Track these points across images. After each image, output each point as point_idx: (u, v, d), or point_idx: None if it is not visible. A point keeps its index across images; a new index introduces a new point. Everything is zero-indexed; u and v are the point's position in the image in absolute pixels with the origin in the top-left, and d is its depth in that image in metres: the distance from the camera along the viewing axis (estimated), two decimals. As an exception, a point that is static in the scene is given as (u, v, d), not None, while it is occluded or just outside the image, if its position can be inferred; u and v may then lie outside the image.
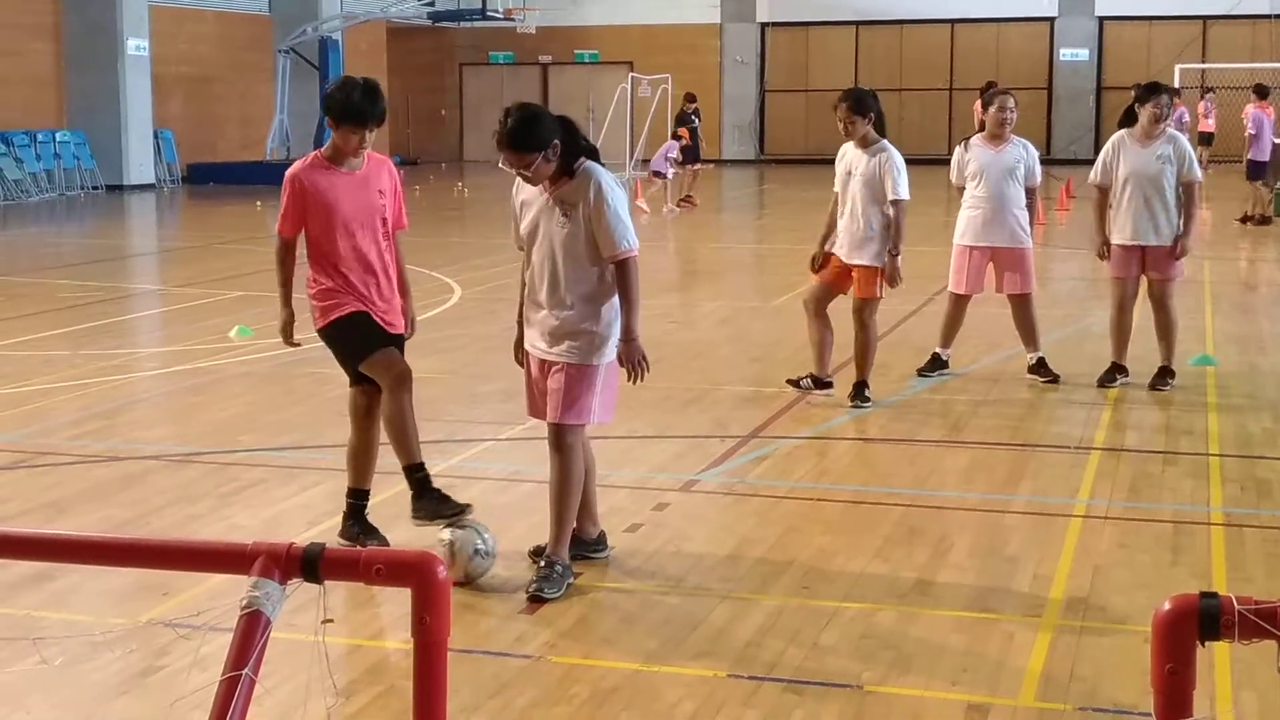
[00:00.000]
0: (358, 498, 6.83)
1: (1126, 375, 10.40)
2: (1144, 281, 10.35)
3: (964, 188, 10.66)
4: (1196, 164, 10.49)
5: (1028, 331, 10.67)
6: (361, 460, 6.83)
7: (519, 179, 6.26)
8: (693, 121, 27.90)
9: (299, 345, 7.00)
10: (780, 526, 7.28)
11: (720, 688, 5.23)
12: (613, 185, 6.23)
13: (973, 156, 10.61)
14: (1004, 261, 10.55)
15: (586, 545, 6.54)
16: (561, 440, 6.24)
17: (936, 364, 10.78)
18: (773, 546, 6.92)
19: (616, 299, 6.24)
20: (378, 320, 6.70)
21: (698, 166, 27.43)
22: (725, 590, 6.28)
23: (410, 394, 6.76)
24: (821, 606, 6.06)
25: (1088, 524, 7.20)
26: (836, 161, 9.75)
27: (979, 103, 10.87)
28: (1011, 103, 10.66)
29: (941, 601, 6.15)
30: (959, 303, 10.74)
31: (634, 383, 6.33)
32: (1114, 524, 7.21)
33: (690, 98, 29.39)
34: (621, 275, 6.18)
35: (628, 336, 6.22)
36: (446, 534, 6.19)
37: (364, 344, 6.69)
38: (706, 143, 33.87)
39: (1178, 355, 10.47)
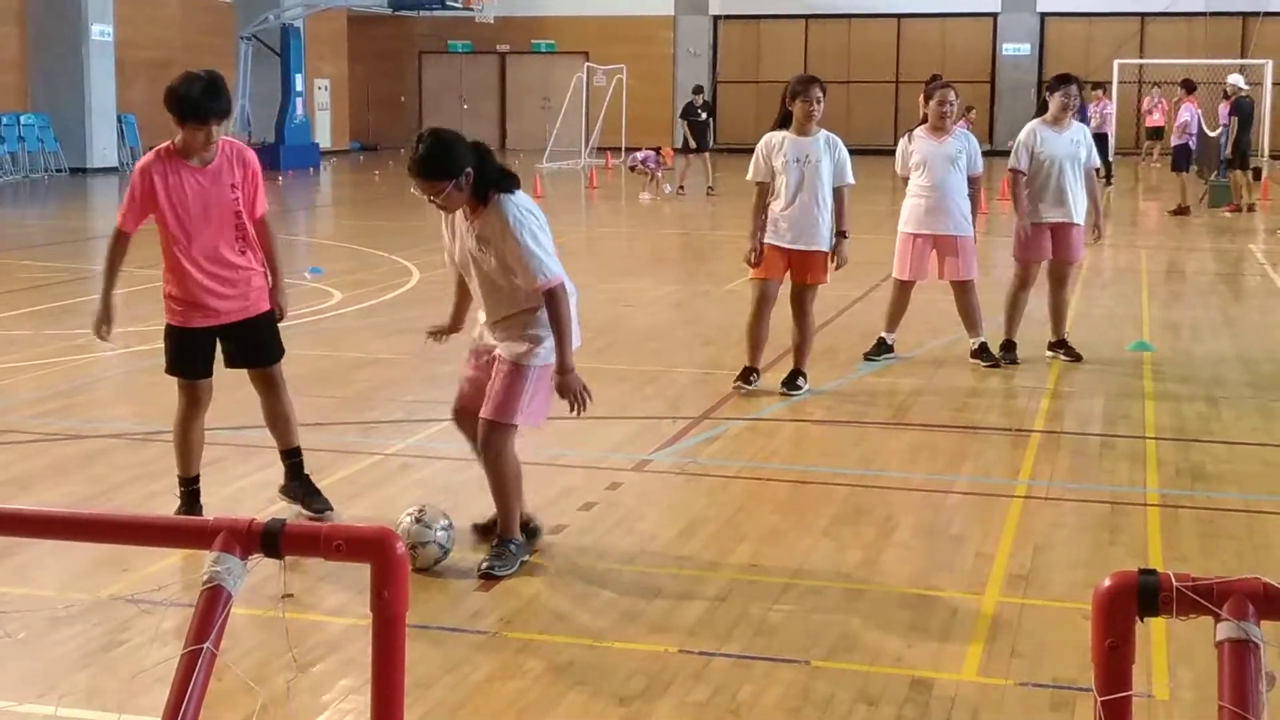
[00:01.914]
0: (184, 484, 6.73)
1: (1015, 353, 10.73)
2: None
3: (908, 177, 10.70)
4: (1095, 152, 11.06)
5: (970, 317, 10.73)
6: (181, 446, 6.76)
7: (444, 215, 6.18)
8: (699, 115, 27.74)
9: (109, 340, 6.89)
10: (730, 506, 7.27)
11: (671, 662, 5.22)
12: (523, 215, 5.99)
13: (916, 147, 10.65)
14: (947, 249, 10.59)
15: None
16: (495, 436, 6.15)
17: (882, 348, 10.82)
18: (723, 525, 6.92)
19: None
20: (206, 326, 6.56)
21: (705, 155, 27.28)
22: (677, 568, 6.27)
23: (199, 417, 6.70)
24: (770, 584, 6.07)
25: (1028, 504, 7.23)
26: (769, 153, 9.55)
27: (923, 95, 10.87)
28: (952, 95, 10.73)
29: (887, 579, 6.16)
30: (903, 289, 10.79)
31: (576, 415, 6.18)
32: (1053, 504, 7.25)
33: (698, 89, 29.38)
34: (548, 304, 5.97)
35: (561, 369, 6.03)
36: (408, 521, 6.07)
37: (176, 360, 6.65)
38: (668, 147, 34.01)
39: (1115, 341, 10.54)
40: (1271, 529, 6.93)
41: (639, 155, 29.19)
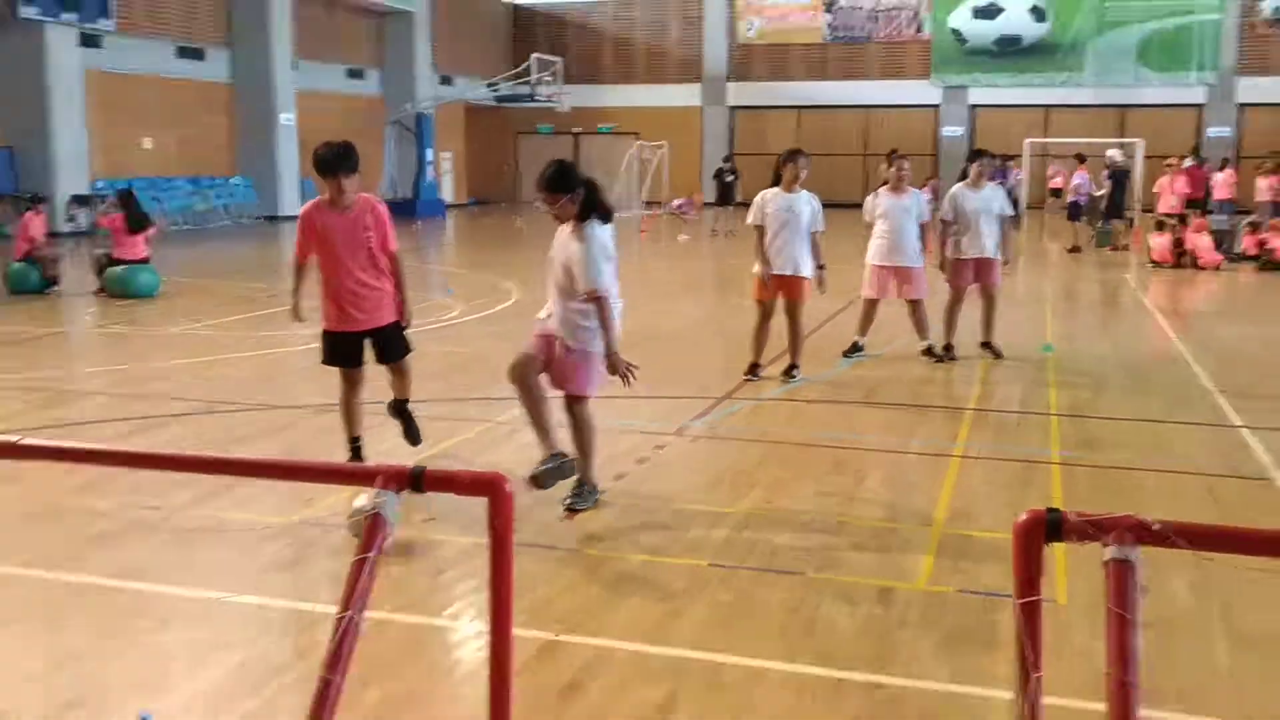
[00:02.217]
0: (350, 442, 6.71)
1: (954, 353, 10.65)
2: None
3: (873, 224, 10.67)
4: (1009, 204, 11.05)
5: (920, 326, 10.68)
6: (345, 414, 6.73)
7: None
8: (725, 177, 27.56)
9: (303, 321, 6.75)
10: (745, 461, 7.27)
11: (704, 573, 5.24)
12: (598, 239, 5.91)
13: (880, 202, 10.63)
14: (903, 276, 10.55)
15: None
16: (577, 405, 6.16)
17: (856, 349, 10.77)
18: (741, 474, 6.93)
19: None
20: (349, 330, 6.52)
21: (730, 207, 27.09)
22: (706, 505, 6.28)
23: (355, 395, 6.66)
24: (776, 518, 6.08)
25: (964, 463, 7.19)
26: (763, 205, 9.42)
27: (884, 164, 10.86)
28: (907, 165, 10.73)
29: (861, 515, 6.15)
30: (871, 305, 10.76)
31: (627, 385, 6.12)
32: (983, 463, 7.20)
33: (726, 159, 29.38)
34: (595, 306, 5.92)
35: (607, 352, 6.00)
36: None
37: (327, 355, 6.65)
38: (698, 192, 34.15)
39: (1027, 344, 10.45)
40: (1142, 479, 6.87)
41: (675, 203, 29.67)
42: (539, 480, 5.96)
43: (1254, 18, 36.14)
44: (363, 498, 5.93)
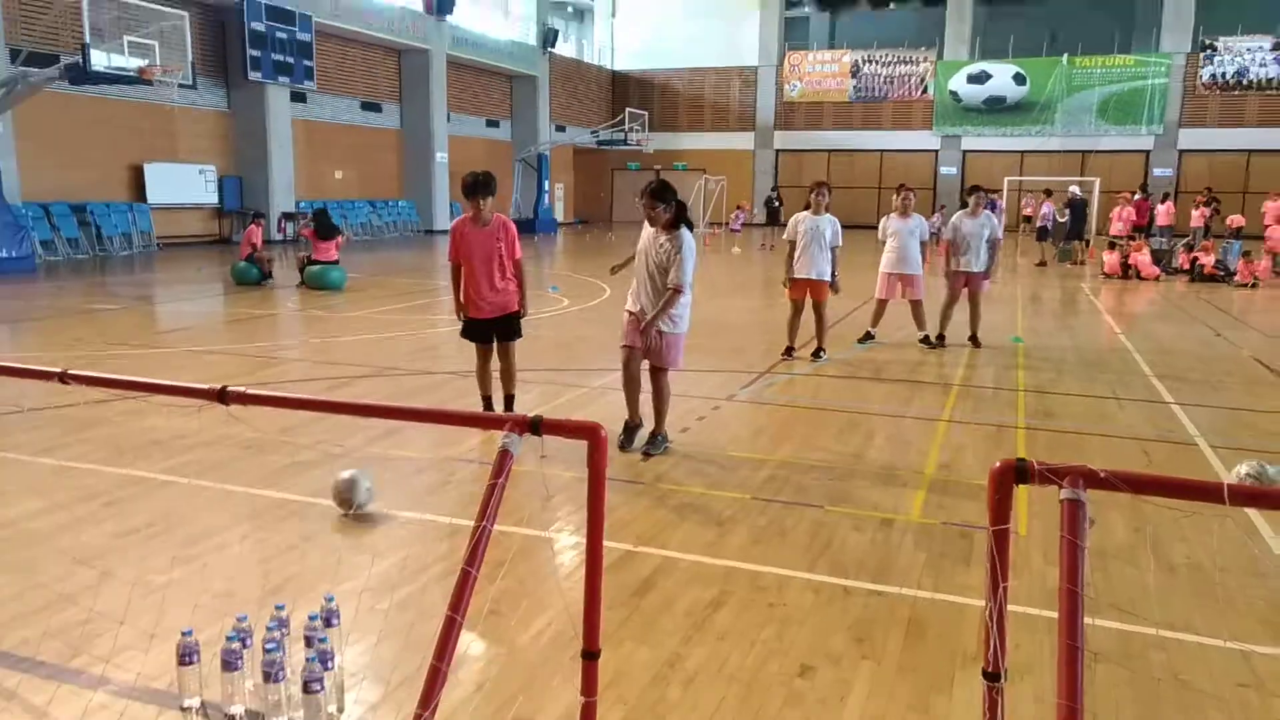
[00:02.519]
0: (484, 400, 6.72)
1: (945, 342, 10.46)
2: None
3: (885, 241, 10.50)
4: (1000, 229, 10.68)
5: (919, 320, 10.51)
6: (479, 379, 6.75)
7: (645, 227, 6.08)
8: (774, 204, 27.96)
9: (459, 319, 6.76)
10: (781, 422, 7.23)
11: (747, 505, 5.24)
12: (690, 246, 5.92)
13: (890, 224, 10.45)
14: (907, 281, 10.37)
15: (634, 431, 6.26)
16: (660, 375, 6.19)
17: (868, 337, 10.63)
18: (777, 431, 6.89)
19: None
20: (482, 317, 6.54)
21: (775, 227, 27.00)
22: (750, 454, 6.27)
23: (486, 364, 6.66)
24: (804, 464, 6.04)
25: (950, 426, 7.09)
26: (794, 224, 9.35)
27: (895, 195, 10.66)
28: (911, 196, 10.50)
29: (869, 463, 6.09)
30: (881, 304, 10.61)
31: (646, 344, 6.06)
32: (964, 426, 7.09)
33: (774, 189, 29.59)
34: (672, 295, 5.93)
35: (651, 320, 5.97)
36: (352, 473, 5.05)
37: (465, 333, 6.66)
38: (746, 201, 34.29)
39: (1001, 336, 10.22)
40: (1090, 442, 6.71)
41: (735, 213, 29.95)
42: (647, 454, 6.05)
43: (1194, 81, 34.85)
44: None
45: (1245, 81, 34.16)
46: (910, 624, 3.86)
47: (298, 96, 26.52)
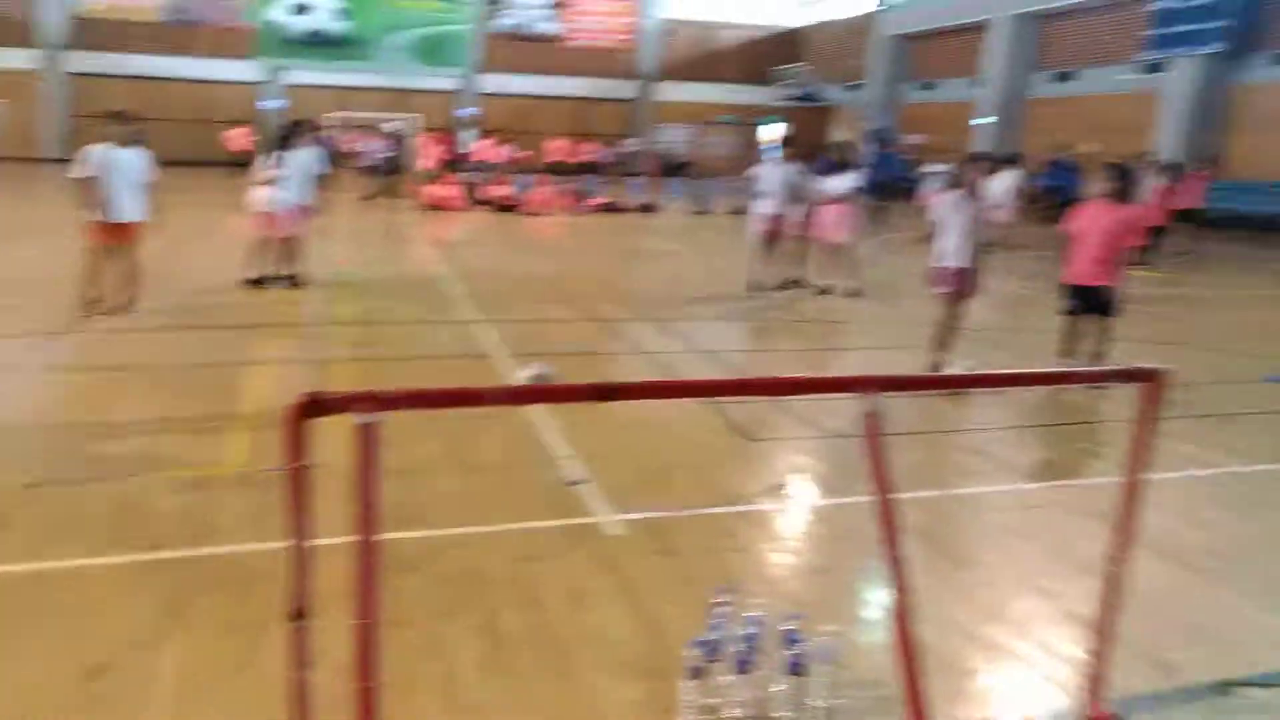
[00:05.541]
0: None
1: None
2: None
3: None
4: (328, 165, 10.43)
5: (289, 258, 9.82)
6: None
7: None
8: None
9: None
10: (77, 390, 6.28)
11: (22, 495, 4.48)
12: None
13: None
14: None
15: None
16: None
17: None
18: (68, 400, 5.98)
19: None
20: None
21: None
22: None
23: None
24: (100, 433, 5.35)
25: (271, 368, 6.83)
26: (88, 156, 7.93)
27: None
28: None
29: (182, 422, 5.62)
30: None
31: None
32: (288, 366, 6.87)
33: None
34: None
35: None
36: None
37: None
38: None
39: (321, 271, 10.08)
40: (406, 368, 6.96)
41: None
42: None
43: (489, 31, 38.55)
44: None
45: (526, 35, 38.92)
46: (234, 583, 3.67)
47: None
